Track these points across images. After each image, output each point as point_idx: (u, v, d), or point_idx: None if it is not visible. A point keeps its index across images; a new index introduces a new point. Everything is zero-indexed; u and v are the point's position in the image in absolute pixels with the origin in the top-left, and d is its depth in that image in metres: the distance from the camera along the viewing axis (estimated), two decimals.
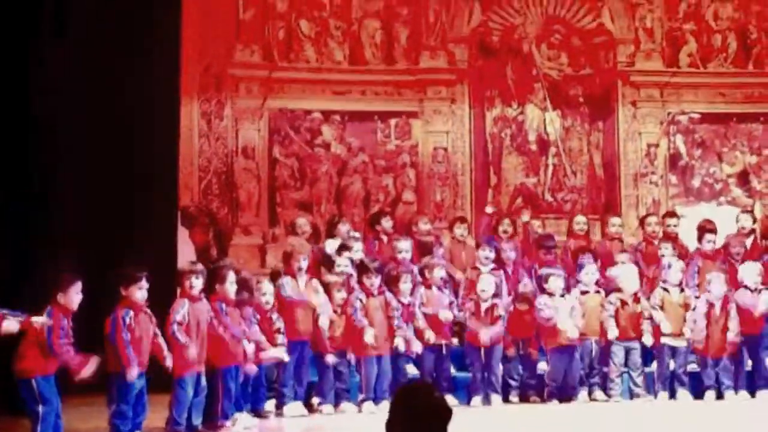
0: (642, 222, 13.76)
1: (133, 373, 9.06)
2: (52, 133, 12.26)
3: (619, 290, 11.90)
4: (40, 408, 8.71)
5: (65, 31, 12.39)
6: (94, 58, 12.72)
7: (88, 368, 8.81)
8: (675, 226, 13.33)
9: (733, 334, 11.67)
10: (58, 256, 9.59)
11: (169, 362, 9.36)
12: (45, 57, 12.08)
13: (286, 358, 10.73)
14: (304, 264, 11.21)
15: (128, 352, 9.05)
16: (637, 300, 11.87)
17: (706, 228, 12.83)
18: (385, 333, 11.25)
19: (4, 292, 9.56)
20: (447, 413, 4.51)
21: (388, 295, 11.38)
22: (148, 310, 9.40)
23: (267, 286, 10.92)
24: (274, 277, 11.24)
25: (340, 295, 11.25)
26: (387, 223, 13.13)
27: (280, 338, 10.73)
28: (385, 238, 12.84)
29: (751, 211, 14.08)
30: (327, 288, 11.27)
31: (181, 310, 9.53)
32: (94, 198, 12.35)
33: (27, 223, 11.60)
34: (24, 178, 11.85)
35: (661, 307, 11.81)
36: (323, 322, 11.04)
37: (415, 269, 11.92)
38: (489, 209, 14.44)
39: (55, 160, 12.24)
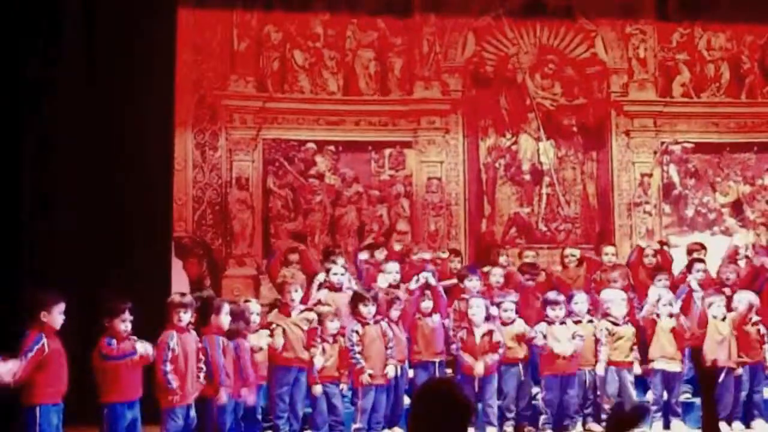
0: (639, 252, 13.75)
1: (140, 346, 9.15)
2: (46, 162, 12.26)
3: (607, 315, 11.91)
4: None
5: (59, 62, 12.41)
6: (88, 89, 12.74)
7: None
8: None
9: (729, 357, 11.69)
10: (48, 287, 9.56)
11: None
12: (38, 87, 12.09)
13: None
14: (297, 295, 11.17)
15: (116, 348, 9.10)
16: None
17: (695, 258, 12.87)
18: (383, 362, 11.18)
19: None
20: (467, 410, 4.54)
21: (384, 324, 11.31)
22: (134, 338, 9.39)
23: (254, 306, 10.90)
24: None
25: (333, 325, 11.18)
26: (381, 254, 13.12)
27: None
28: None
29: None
30: (320, 318, 11.20)
31: (170, 342, 9.51)
32: (87, 228, 12.34)
33: (19, 254, 11.59)
34: (17, 206, 11.84)
35: (652, 334, 11.81)
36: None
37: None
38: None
39: (47, 189, 12.23)
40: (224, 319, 10.04)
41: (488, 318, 11.66)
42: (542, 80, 15.46)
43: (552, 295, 12.02)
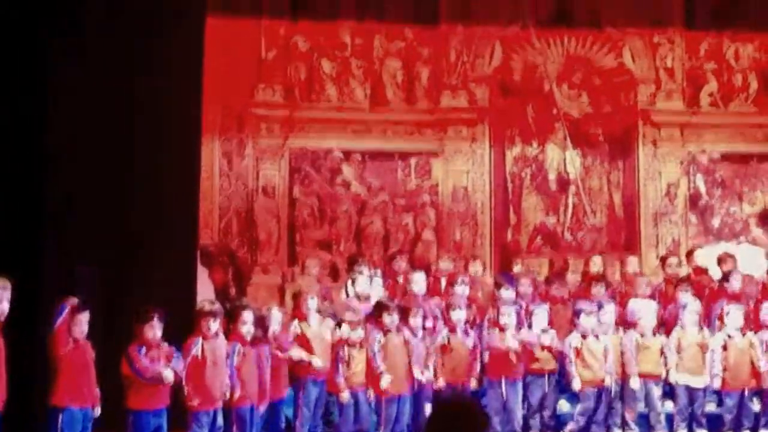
0: (663, 262, 13.69)
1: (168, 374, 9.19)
2: (73, 167, 12.33)
3: (635, 325, 11.85)
4: None
5: (86, 68, 12.48)
6: (116, 95, 12.80)
7: None
8: (705, 258, 13.31)
9: (763, 363, 11.60)
10: (74, 293, 9.61)
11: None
12: (65, 95, 12.16)
13: (319, 364, 10.73)
14: (312, 303, 11.15)
15: (149, 366, 9.15)
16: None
17: (731, 267, 12.78)
18: (405, 371, 11.13)
19: (17, 327, 9.60)
20: (485, 424, 4.51)
21: (407, 332, 11.29)
22: (166, 345, 9.42)
23: (276, 314, 10.86)
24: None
25: (356, 334, 11.14)
26: (400, 263, 13.07)
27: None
28: (401, 279, 12.76)
29: None
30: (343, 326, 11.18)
31: (193, 348, 9.54)
32: (113, 235, 12.39)
33: (43, 260, 11.65)
34: (42, 213, 11.91)
35: (678, 347, 11.74)
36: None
37: (432, 306, 11.85)
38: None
39: (74, 196, 12.30)
40: (243, 328, 10.03)
41: (520, 325, 11.68)
42: (569, 90, 15.47)
43: (584, 304, 11.98)
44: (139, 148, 12.73)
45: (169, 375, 9.23)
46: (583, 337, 11.58)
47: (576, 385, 11.48)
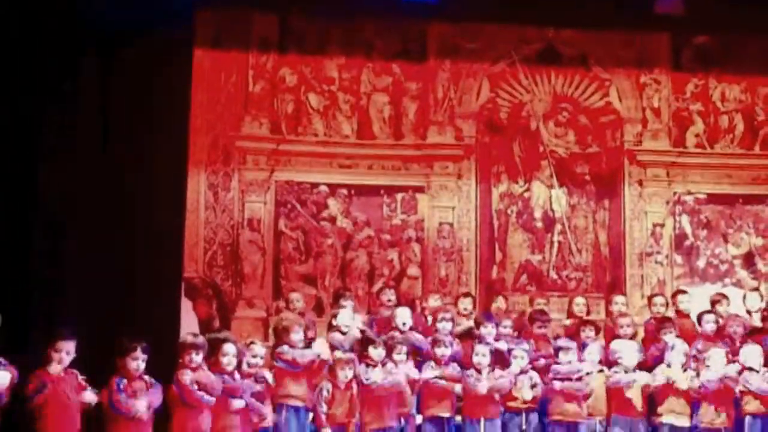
0: (649, 301, 13.67)
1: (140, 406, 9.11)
2: (58, 200, 12.31)
3: (617, 364, 11.81)
4: None
5: (73, 102, 12.48)
6: (103, 128, 12.81)
7: None
8: (688, 302, 13.24)
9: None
10: (58, 326, 9.57)
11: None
12: (52, 128, 12.16)
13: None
14: (299, 336, 11.03)
15: (129, 404, 9.08)
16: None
17: (706, 309, 12.77)
18: (390, 406, 10.93)
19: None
20: None
21: (390, 366, 11.17)
22: (147, 378, 9.36)
23: (259, 349, 10.75)
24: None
25: (343, 374, 10.99)
26: (389, 295, 12.98)
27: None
28: (388, 312, 12.67)
29: (758, 289, 14.01)
30: (332, 366, 11.06)
31: (186, 377, 9.49)
32: (97, 267, 12.36)
33: (29, 292, 11.61)
34: (27, 244, 11.88)
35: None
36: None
37: (416, 340, 11.79)
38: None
39: (60, 228, 12.27)
40: (224, 360, 9.97)
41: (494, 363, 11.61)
42: (556, 128, 15.49)
43: (562, 341, 11.95)
44: (125, 179, 12.75)
45: (141, 408, 9.16)
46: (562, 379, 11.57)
47: None
